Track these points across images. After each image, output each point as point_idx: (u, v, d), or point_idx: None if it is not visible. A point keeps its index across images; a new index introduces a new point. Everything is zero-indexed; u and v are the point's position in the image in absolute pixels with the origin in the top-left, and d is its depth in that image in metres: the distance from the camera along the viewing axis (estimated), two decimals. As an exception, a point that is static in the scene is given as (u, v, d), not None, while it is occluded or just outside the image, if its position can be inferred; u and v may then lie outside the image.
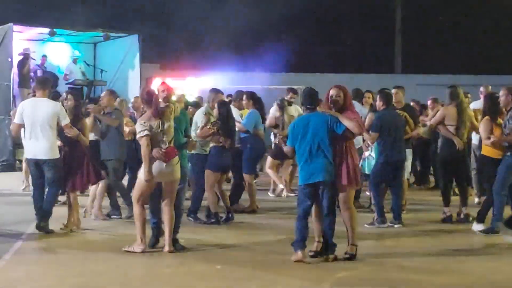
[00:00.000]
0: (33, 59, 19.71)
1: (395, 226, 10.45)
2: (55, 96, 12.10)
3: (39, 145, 9.74)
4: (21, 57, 19.34)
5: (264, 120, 12.87)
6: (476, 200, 12.37)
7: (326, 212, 8.18)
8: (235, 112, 12.08)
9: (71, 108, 10.29)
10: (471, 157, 12.59)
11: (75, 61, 20.87)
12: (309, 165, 8.11)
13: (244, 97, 12.50)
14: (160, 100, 8.76)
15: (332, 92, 8.40)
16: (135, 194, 8.75)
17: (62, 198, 11.47)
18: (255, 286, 7.22)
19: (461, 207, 11.04)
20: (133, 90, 20.22)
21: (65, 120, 9.85)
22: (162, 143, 8.49)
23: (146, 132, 8.42)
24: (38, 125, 9.74)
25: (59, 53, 21.55)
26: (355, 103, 10.40)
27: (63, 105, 10.59)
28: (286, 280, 7.45)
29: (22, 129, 10.03)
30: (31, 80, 18.92)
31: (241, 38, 32.72)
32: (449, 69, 30.89)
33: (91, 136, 10.89)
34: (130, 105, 13.15)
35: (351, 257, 8.24)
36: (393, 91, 11.48)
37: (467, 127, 11.07)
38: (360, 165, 9.97)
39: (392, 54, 35.95)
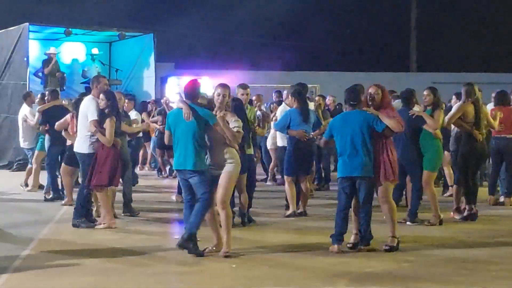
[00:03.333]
0: (57, 60, 19.72)
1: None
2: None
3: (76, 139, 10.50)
4: (46, 57, 19.44)
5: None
6: None
7: (361, 204, 8.61)
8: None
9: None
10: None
11: (92, 58, 20.91)
12: (346, 160, 8.60)
13: (290, 94, 11.76)
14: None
15: (370, 90, 8.87)
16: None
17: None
18: (270, 285, 7.21)
19: (469, 203, 11.05)
20: (148, 89, 20.27)
21: (90, 117, 10.02)
22: None
23: None
24: (79, 121, 10.36)
25: (74, 52, 21.62)
26: None
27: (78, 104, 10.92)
28: (302, 279, 7.43)
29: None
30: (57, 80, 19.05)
31: (256, 36, 32.73)
32: (464, 67, 30.75)
33: None
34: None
35: (391, 249, 8.62)
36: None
37: (484, 125, 11.12)
38: None
39: (407, 52, 35.82)
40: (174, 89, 20.21)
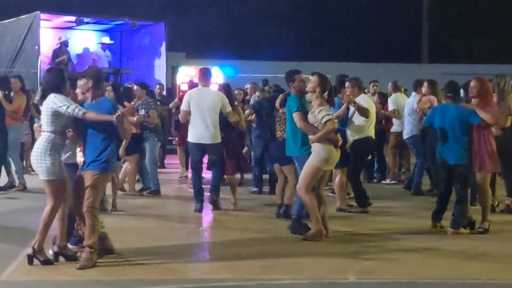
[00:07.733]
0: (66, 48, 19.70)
1: None
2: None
3: (206, 130, 10.46)
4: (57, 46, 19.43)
5: None
6: None
7: (456, 191, 9.14)
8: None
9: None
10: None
11: (103, 47, 20.90)
12: (443, 148, 9.15)
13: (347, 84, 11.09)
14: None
15: (472, 83, 9.43)
16: (305, 183, 8.64)
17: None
18: (279, 274, 7.20)
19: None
20: (159, 79, 20.27)
21: (228, 108, 10.51)
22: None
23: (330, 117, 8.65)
24: (205, 112, 10.44)
25: (85, 41, 21.63)
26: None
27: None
28: (311, 269, 7.43)
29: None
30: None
31: (268, 26, 32.68)
32: (477, 58, 30.63)
33: None
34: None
35: (484, 231, 9.16)
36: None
37: None
38: None
39: (419, 43, 35.71)
40: (185, 78, 20.16)
